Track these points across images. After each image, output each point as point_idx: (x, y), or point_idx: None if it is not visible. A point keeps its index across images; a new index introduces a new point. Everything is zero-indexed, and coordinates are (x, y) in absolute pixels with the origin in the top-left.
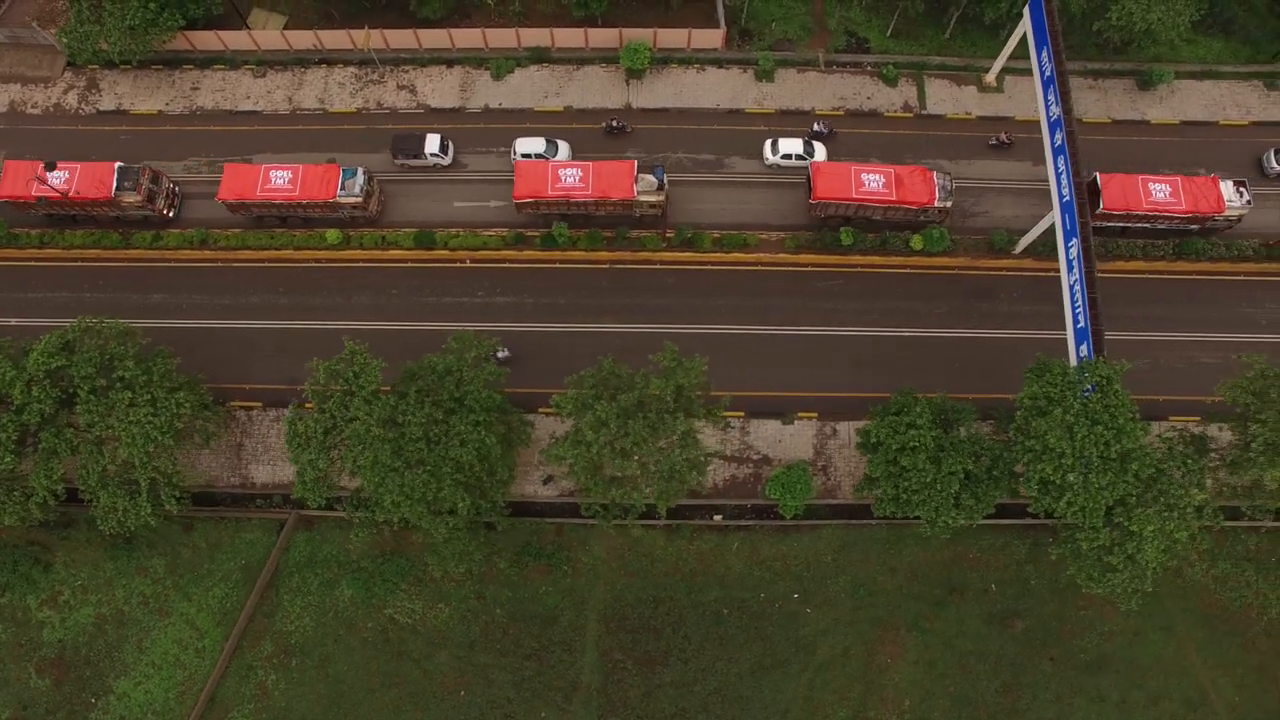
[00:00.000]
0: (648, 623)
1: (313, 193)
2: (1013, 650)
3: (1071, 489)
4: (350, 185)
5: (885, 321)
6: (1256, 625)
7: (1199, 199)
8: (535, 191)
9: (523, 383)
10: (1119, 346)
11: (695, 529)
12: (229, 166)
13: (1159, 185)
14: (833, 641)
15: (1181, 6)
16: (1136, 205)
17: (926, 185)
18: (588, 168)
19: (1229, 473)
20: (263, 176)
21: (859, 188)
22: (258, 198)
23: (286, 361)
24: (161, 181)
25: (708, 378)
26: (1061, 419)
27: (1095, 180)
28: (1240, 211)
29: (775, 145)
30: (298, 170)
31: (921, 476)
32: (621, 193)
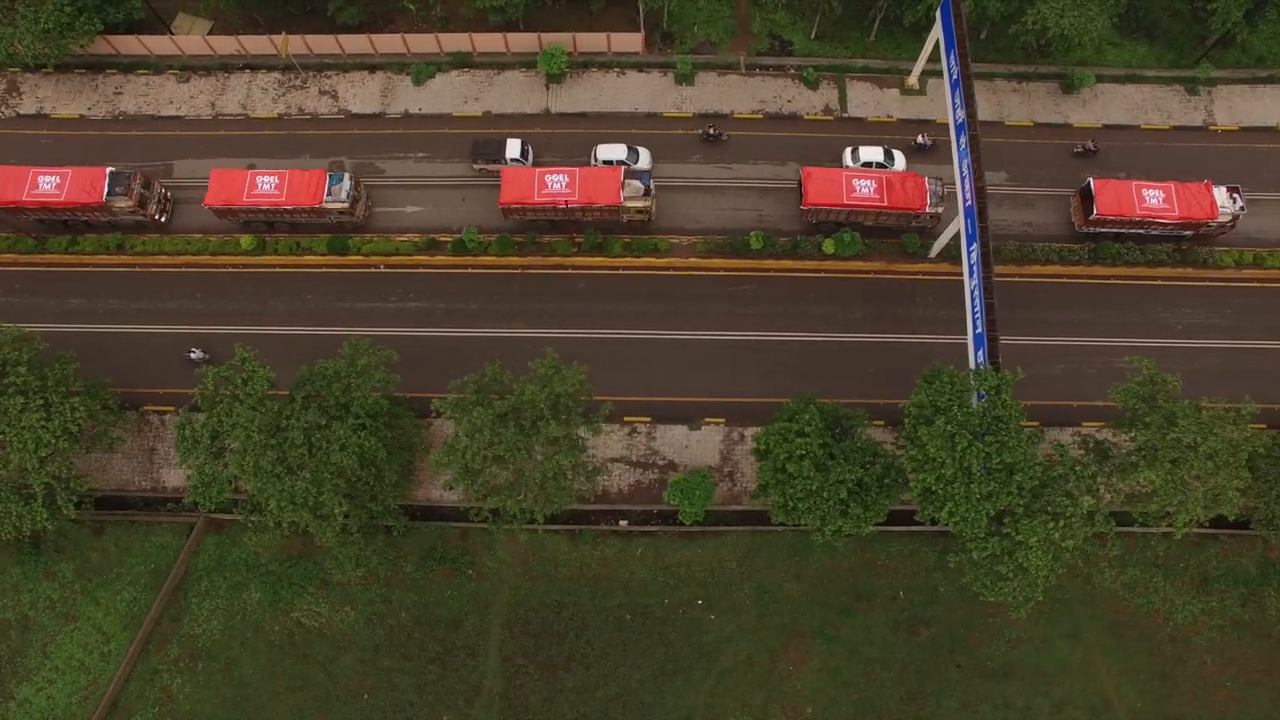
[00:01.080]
0: (551, 627)
1: (299, 198)
2: (919, 657)
3: (953, 499)
4: (337, 190)
5: (797, 326)
6: (1162, 631)
7: (1192, 205)
8: (522, 198)
9: (431, 388)
10: (1035, 351)
11: (599, 534)
12: (215, 171)
13: (1152, 191)
14: (736, 648)
15: (1095, 12)
16: (1130, 211)
17: (918, 191)
18: (574, 173)
19: (1119, 478)
20: (249, 182)
21: (850, 194)
22: (244, 203)
23: None
24: (153, 187)
25: (590, 385)
26: (943, 429)
27: (1089, 186)
28: (1234, 217)
29: (856, 153)
30: (284, 175)
31: (807, 484)
32: (608, 198)
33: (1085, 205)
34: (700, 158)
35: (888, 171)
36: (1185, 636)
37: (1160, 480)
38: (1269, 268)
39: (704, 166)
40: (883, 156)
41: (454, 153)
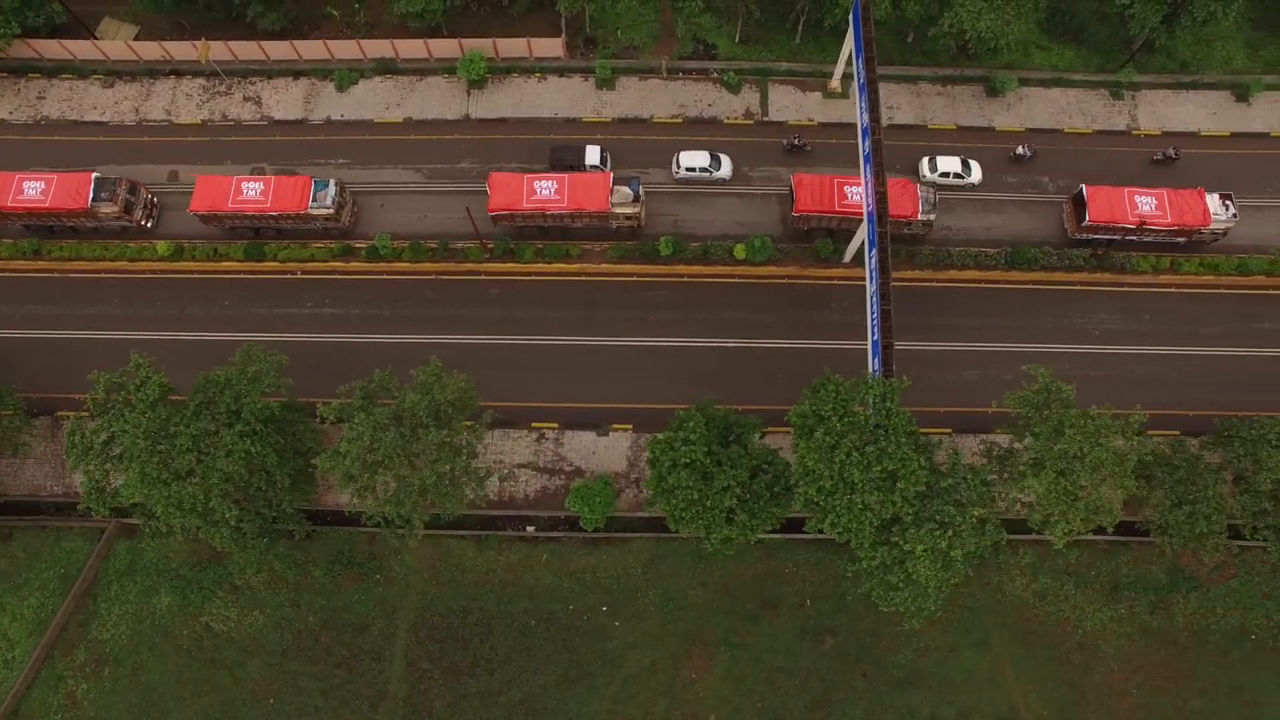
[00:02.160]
0: (456, 632)
1: (284, 205)
2: (824, 666)
3: (834, 510)
4: (322, 197)
5: (708, 332)
6: (1071, 639)
7: (1184, 212)
8: (510, 204)
9: None
10: (950, 357)
11: (505, 540)
12: (201, 178)
13: (1145, 198)
14: (640, 655)
15: (1012, 15)
16: (1122, 217)
17: (909, 198)
18: (563, 180)
19: (1010, 487)
20: (234, 188)
21: (841, 200)
22: (229, 209)
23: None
24: (139, 192)
25: (475, 392)
26: (822, 440)
27: (1082, 192)
28: (1226, 224)
29: (934, 163)
30: (269, 182)
31: (687, 494)
32: (596, 205)
33: (1078, 212)
34: (619, 163)
35: None
36: (1094, 644)
37: (1043, 490)
38: (1185, 273)
39: (621, 172)
40: (960, 167)
41: (374, 159)
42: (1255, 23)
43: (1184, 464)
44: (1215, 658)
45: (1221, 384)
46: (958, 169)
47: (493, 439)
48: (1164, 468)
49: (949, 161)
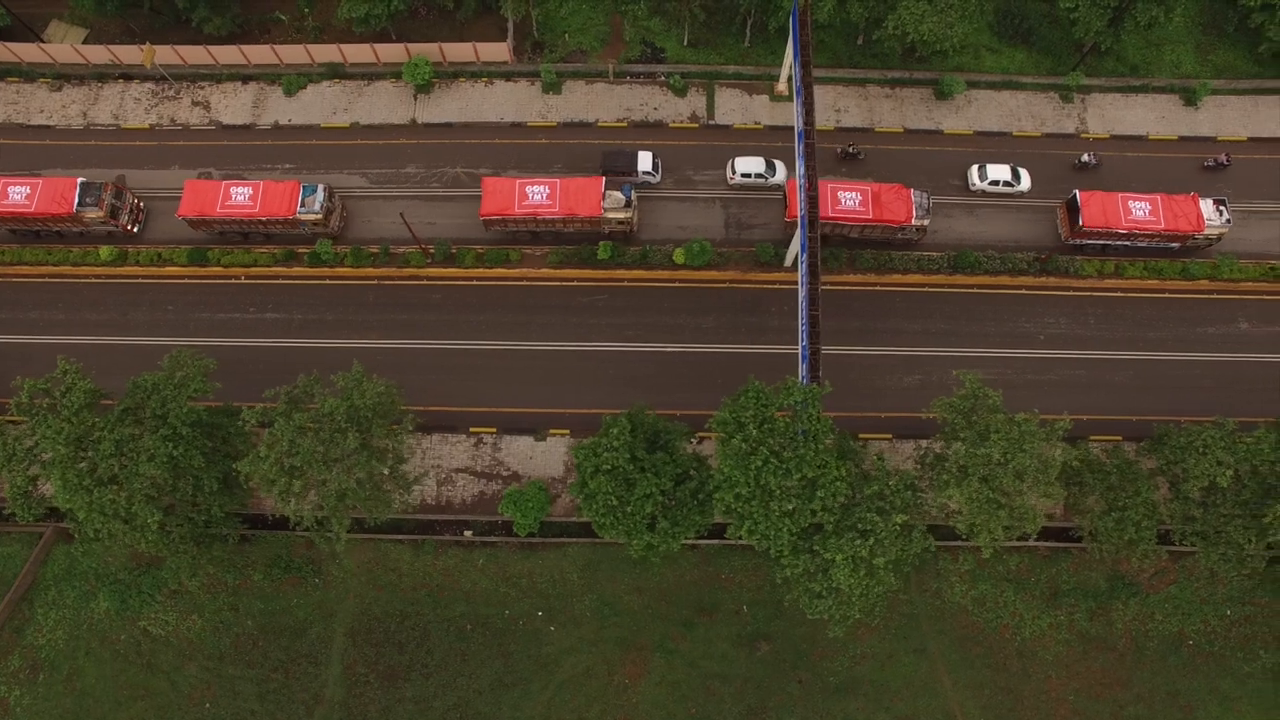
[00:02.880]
0: (393, 636)
1: (273, 210)
2: (760, 672)
3: (751, 517)
4: (310, 202)
5: (648, 337)
6: (1010, 646)
7: (1178, 217)
8: (502, 209)
9: None
10: (892, 361)
11: (442, 544)
12: (189, 182)
13: (1138, 203)
14: (575, 660)
15: (955, 18)
16: (1116, 223)
17: (904, 203)
18: (555, 185)
19: (934, 494)
20: (223, 193)
21: (835, 206)
22: (218, 214)
23: None
24: (125, 197)
25: (398, 398)
26: (738, 447)
27: (1075, 198)
28: (1220, 230)
29: (984, 171)
30: (258, 187)
31: (607, 500)
32: (588, 210)
33: (1071, 217)
34: (562, 166)
35: (874, 184)
36: (1032, 651)
37: (965, 498)
38: (1129, 277)
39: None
40: (1010, 175)
41: (320, 164)
42: (1205, 27)
43: (1116, 470)
44: (1153, 664)
45: (1166, 388)
46: (1008, 177)
47: (431, 443)
48: (1095, 474)
49: (999, 170)
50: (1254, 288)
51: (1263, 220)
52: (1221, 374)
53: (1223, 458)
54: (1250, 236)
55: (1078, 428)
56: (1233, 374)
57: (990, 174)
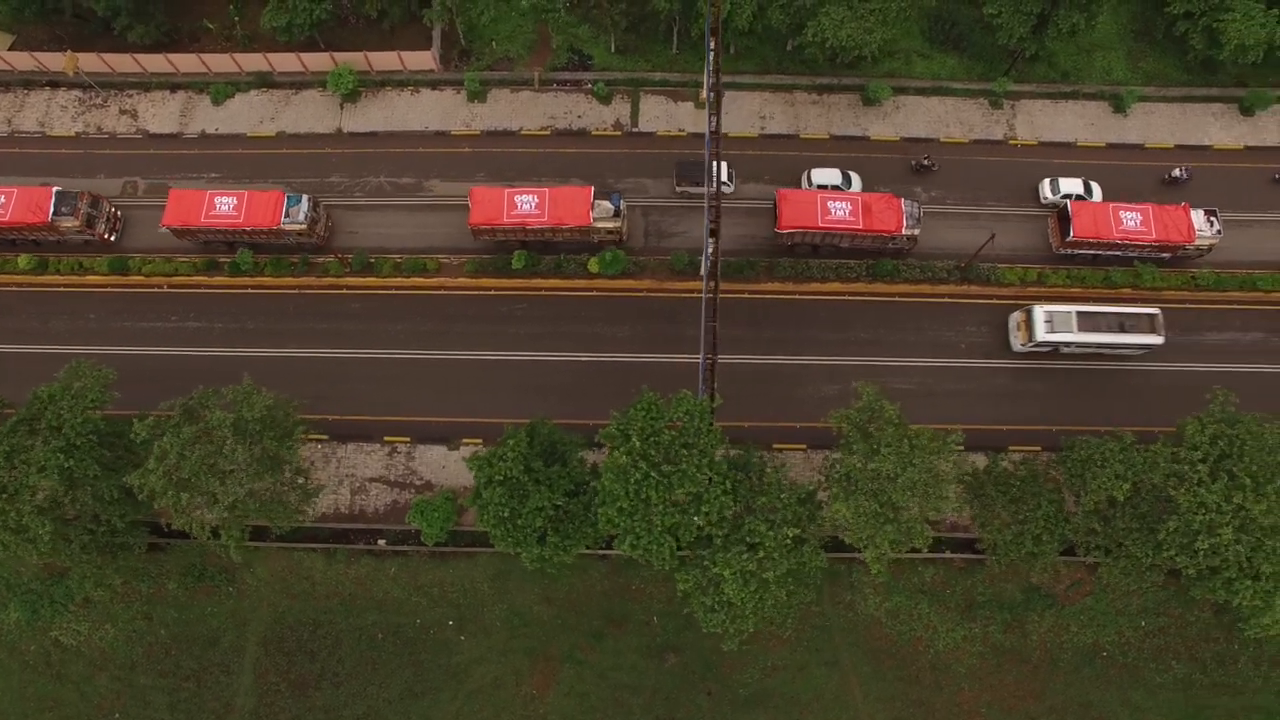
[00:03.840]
0: (305, 645)
1: (257, 220)
2: (670, 684)
3: (633, 531)
4: (295, 212)
5: (565, 346)
6: (923, 658)
7: (1169, 228)
8: (490, 219)
9: None
10: (811, 371)
11: (354, 553)
12: (173, 192)
13: (1130, 214)
14: (484, 670)
15: (873, 24)
16: (1107, 233)
17: (894, 213)
18: (543, 194)
19: (825, 509)
20: (207, 203)
21: (825, 216)
22: (202, 224)
23: None
24: (101, 206)
25: (292, 410)
26: (618, 460)
27: (1066, 208)
28: (1211, 241)
29: (1055, 185)
30: (242, 196)
31: (498, 510)
32: (577, 219)
33: (1062, 227)
34: (485, 175)
35: (864, 194)
36: (945, 664)
37: (850, 513)
38: (1053, 285)
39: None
40: (1081, 188)
41: (245, 173)
42: (1137, 34)
43: (1019, 483)
44: (1066, 676)
45: (1090, 397)
46: (1080, 190)
47: (347, 452)
48: (998, 487)
49: (1071, 183)
50: (1176, 296)
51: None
52: (1143, 383)
53: (1120, 471)
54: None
55: (998, 438)
56: (1153, 382)
57: (1063, 187)
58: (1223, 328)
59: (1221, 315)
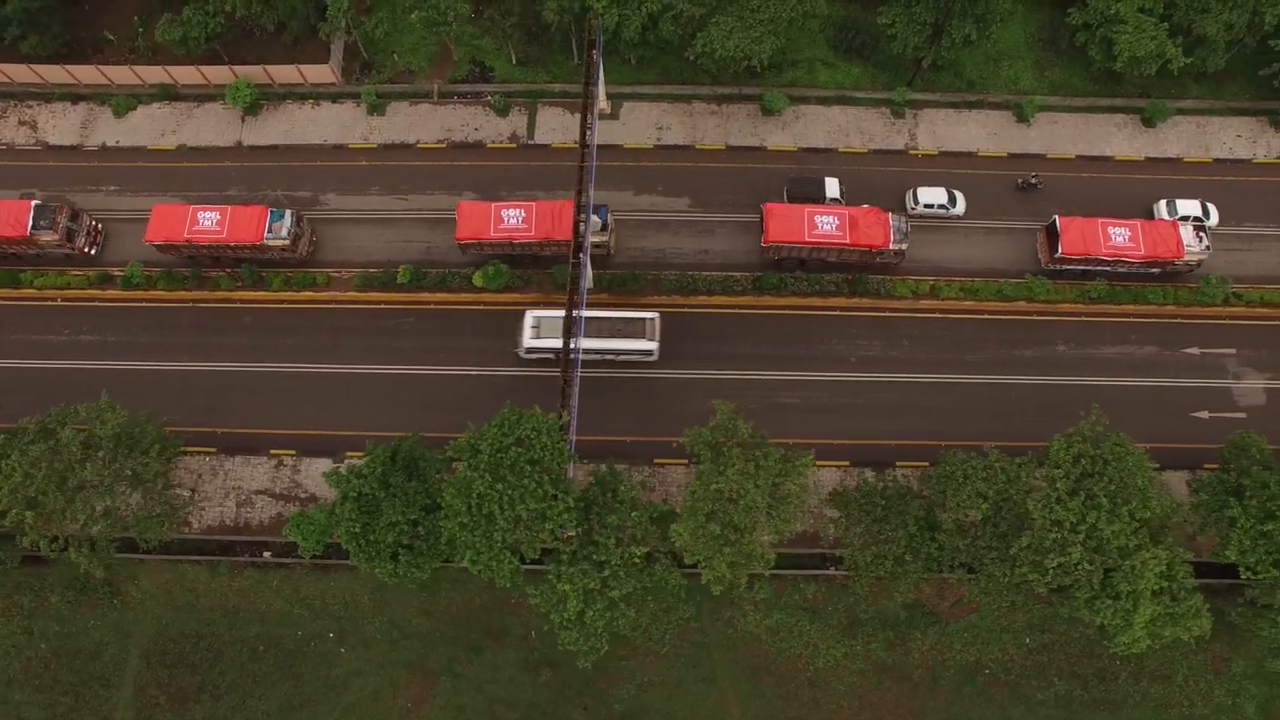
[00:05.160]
0: (187, 658)
1: (240, 235)
2: (545, 698)
3: (473, 546)
4: (277, 228)
5: (451, 360)
6: (802, 676)
7: (1158, 244)
8: (477, 233)
9: None
10: (696, 385)
11: (238, 565)
12: (158, 207)
13: (1118, 229)
14: (363, 683)
15: (761, 33)
16: (1095, 249)
17: (881, 227)
18: (530, 208)
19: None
20: (190, 218)
21: (812, 230)
22: (185, 239)
23: None
24: (81, 219)
25: (150, 426)
26: (462, 475)
27: (1055, 223)
28: (1200, 256)
29: (1173, 206)
30: (225, 211)
31: (350, 526)
32: (564, 233)
33: (1051, 242)
34: (380, 189)
35: (850, 208)
36: (825, 681)
37: (687, 534)
38: (945, 298)
39: (381, 198)
40: (1199, 210)
41: (144, 186)
42: (1044, 44)
43: (885, 501)
44: (947, 694)
45: (981, 413)
46: (1198, 212)
47: (234, 465)
48: (861, 506)
49: (1189, 205)
50: (1071, 309)
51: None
52: (1037, 397)
53: (982, 488)
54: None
55: (889, 453)
56: (1048, 397)
57: (1180, 208)
58: (1118, 341)
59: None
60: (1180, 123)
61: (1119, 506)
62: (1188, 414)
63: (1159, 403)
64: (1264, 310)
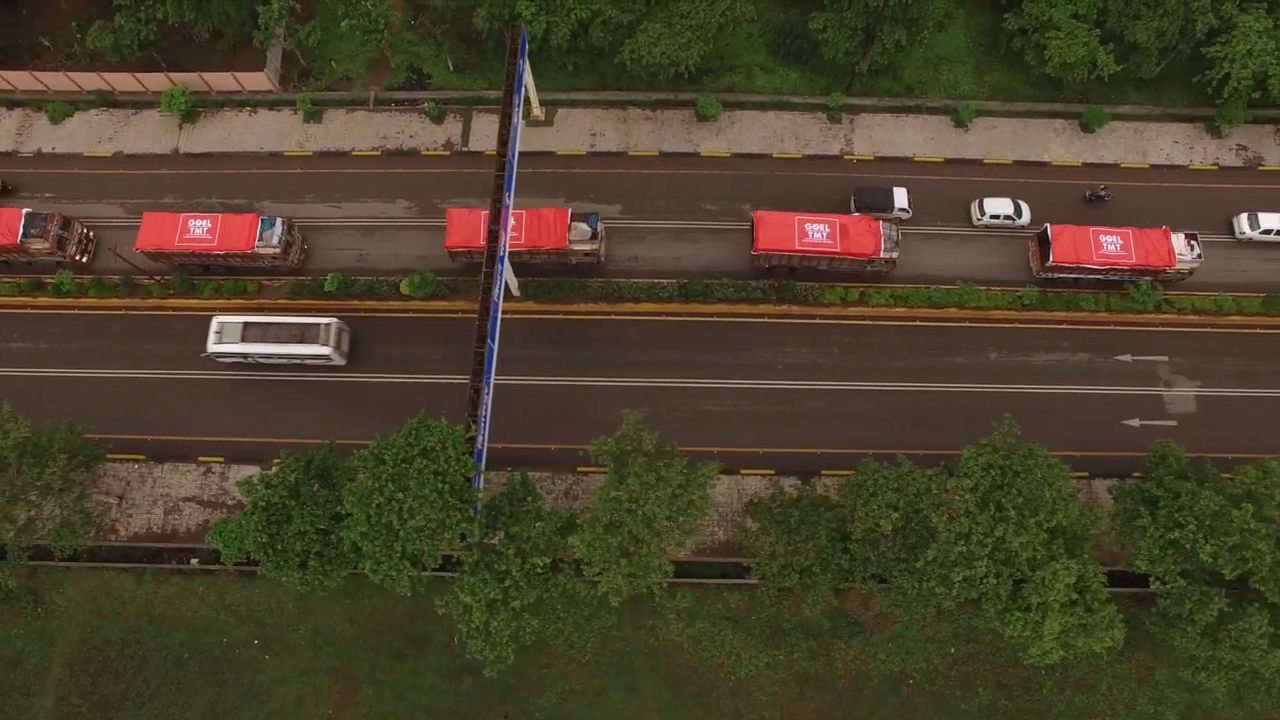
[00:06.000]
0: (111, 666)
1: (231, 243)
2: (467, 706)
3: (373, 556)
4: (269, 236)
5: (379, 368)
6: (724, 685)
7: (1149, 252)
8: (467, 241)
9: None
10: (621, 392)
11: (164, 572)
12: (148, 215)
13: (1110, 238)
14: (286, 690)
15: (691, 39)
16: (1087, 258)
17: (872, 236)
18: (520, 216)
19: None
20: (181, 226)
21: (802, 238)
22: (176, 247)
23: None
24: (73, 227)
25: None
26: (363, 485)
27: (1046, 232)
28: (1191, 265)
29: (1255, 220)
30: (216, 219)
31: (257, 536)
32: (554, 242)
33: (1043, 251)
34: (314, 196)
35: (842, 216)
36: (747, 690)
37: (584, 546)
38: (875, 305)
39: (316, 205)
40: (1277, 223)
41: (80, 193)
42: (985, 48)
43: (797, 513)
44: (870, 704)
45: (910, 420)
46: (1277, 225)
47: (162, 472)
48: (772, 517)
49: (1272, 219)
50: (1003, 315)
51: (1011, 244)
52: (968, 405)
53: (892, 499)
54: (994, 262)
55: (814, 462)
56: (979, 405)
57: (1263, 223)
58: (1051, 348)
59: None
60: (1119, 128)
61: (1027, 518)
62: (1119, 422)
63: (1091, 410)
64: (1195, 317)
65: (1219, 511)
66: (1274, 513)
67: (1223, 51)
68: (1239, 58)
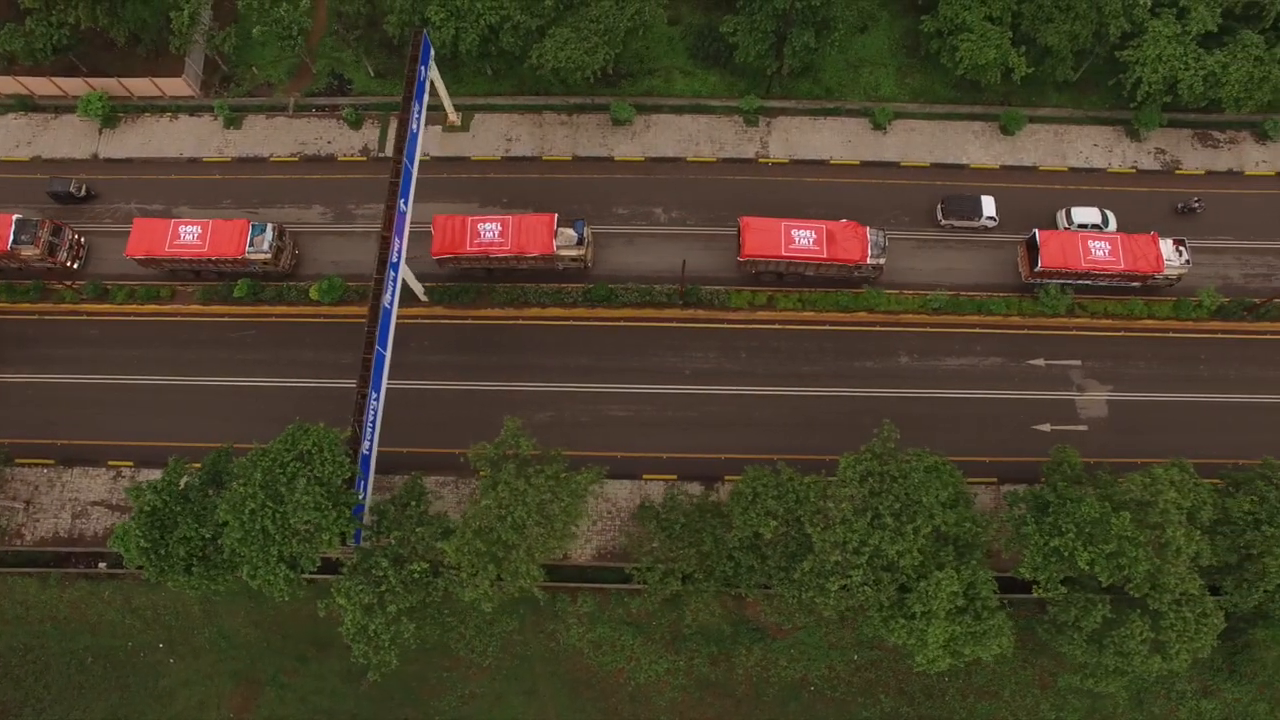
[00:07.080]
0: (11, 672)
1: (221, 249)
2: (367, 709)
3: (250, 561)
4: (259, 241)
5: (291, 372)
6: (624, 690)
7: (1138, 258)
8: (453, 247)
9: None
10: (524, 397)
11: (69, 576)
12: (138, 221)
13: (1098, 243)
14: (190, 693)
15: (598, 44)
16: (1075, 264)
17: (859, 241)
18: (506, 222)
19: None
20: (171, 232)
21: (789, 244)
22: (166, 254)
23: None
24: (63, 233)
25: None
26: (236, 490)
27: (1034, 237)
28: (1180, 271)
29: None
30: (207, 225)
31: (139, 541)
32: (540, 247)
33: (1031, 256)
34: (232, 202)
35: (829, 222)
36: (646, 696)
37: (453, 550)
38: (782, 309)
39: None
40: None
41: (5, 198)
42: (907, 50)
43: (683, 519)
44: (770, 710)
45: (816, 426)
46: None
47: (71, 476)
48: (657, 522)
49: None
50: (914, 319)
51: (925, 249)
52: (877, 410)
53: (771, 506)
54: (916, 266)
55: (717, 467)
56: (888, 410)
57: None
58: (963, 352)
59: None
60: (1038, 131)
61: (904, 524)
62: (1030, 427)
63: (1003, 415)
64: (1107, 321)
65: (1099, 519)
66: (1157, 519)
67: (1134, 56)
68: (1149, 62)
